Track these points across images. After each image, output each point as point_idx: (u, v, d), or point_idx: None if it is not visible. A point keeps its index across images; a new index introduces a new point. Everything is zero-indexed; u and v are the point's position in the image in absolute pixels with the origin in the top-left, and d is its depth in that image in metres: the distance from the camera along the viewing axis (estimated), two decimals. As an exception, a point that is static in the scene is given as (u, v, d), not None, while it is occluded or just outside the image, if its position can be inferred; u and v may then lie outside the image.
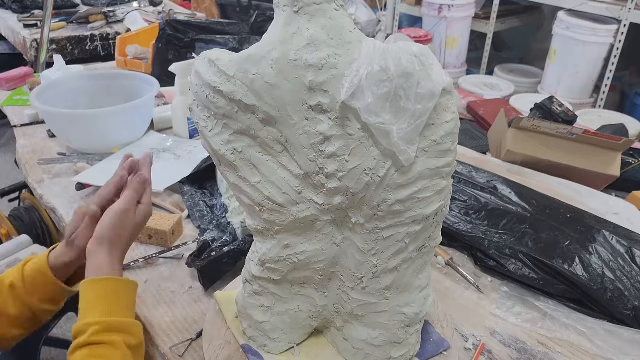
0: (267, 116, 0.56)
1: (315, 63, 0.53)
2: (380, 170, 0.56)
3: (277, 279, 0.67)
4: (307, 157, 0.56)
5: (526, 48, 3.51)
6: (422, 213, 0.59)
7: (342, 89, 0.53)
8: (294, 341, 0.73)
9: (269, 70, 0.54)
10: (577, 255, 0.88)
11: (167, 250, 0.95)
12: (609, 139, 1.19)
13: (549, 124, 1.22)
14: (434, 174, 0.58)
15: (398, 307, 0.66)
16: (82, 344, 0.61)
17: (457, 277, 0.92)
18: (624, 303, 0.81)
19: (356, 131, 0.55)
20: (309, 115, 0.55)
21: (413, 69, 0.52)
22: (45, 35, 1.86)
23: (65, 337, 1.87)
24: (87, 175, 1.14)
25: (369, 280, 0.64)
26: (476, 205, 1.03)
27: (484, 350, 0.76)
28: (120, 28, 2.34)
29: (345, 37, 0.53)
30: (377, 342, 0.68)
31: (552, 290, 0.86)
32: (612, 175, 1.21)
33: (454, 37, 3.04)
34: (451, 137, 0.58)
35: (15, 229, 1.81)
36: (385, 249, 0.61)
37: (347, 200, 0.59)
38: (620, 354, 0.76)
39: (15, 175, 2.76)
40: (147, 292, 0.86)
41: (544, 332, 0.80)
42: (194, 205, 1.05)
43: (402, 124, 0.53)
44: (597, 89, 2.64)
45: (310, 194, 0.59)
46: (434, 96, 0.54)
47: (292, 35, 0.53)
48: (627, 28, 2.41)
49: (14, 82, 1.73)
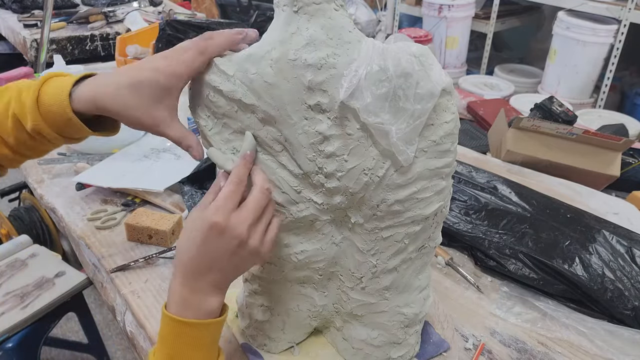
0: (266, 115, 0.56)
1: (314, 63, 0.53)
2: (379, 170, 0.56)
3: (277, 278, 0.67)
4: (306, 156, 0.56)
5: (526, 48, 3.50)
6: (421, 213, 0.59)
7: (340, 89, 0.53)
8: (293, 340, 0.73)
9: (268, 69, 0.54)
10: (577, 255, 0.88)
11: (167, 250, 0.95)
12: (609, 139, 1.19)
13: (549, 124, 1.22)
14: (433, 175, 0.58)
15: (397, 308, 0.66)
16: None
17: (457, 277, 0.92)
18: (624, 303, 0.81)
19: (355, 131, 0.55)
20: (308, 114, 0.55)
21: (412, 69, 0.52)
22: (45, 35, 1.86)
23: (65, 337, 1.87)
24: (87, 175, 1.14)
25: (369, 280, 0.64)
26: (476, 205, 1.03)
27: (484, 350, 0.76)
28: (120, 28, 2.34)
29: (345, 37, 0.53)
30: (377, 342, 0.68)
31: (552, 290, 0.86)
32: (612, 175, 1.21)
33: (454, 37, 3.04)
34: (451, 137, 0.58)
35: (15, 229, 1.81)
36: (385, 249, 0.61)
37: (346, 200, 0.59)
38: (620, 354, 0.76)
39: (15, 175, 2.75)
40: (147, 292, 0.86)
41: (544, 332, 0.80)
42: (194, 205, 1.05)
43: (400, 124, 0.53)
44: (597, 89, 2.64)
45: (310, 193, 0.59)
46: (433, 96, 0.54)
47: (291, 35, 0.53)
48: (627, 28, 2.41)
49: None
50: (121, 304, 0.87)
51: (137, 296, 0.85)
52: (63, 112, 0.56)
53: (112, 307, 0.89)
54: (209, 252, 0.53)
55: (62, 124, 0.57)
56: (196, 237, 0.53)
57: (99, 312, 1.98)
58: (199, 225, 0.53)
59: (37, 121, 0.57)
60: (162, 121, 0.56)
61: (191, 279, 0.54)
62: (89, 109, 0.56)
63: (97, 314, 1.94)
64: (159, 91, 0.54)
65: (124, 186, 1.11)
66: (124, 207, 1.08)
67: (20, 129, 0.58)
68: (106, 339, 1.83)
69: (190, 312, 0.54)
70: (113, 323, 1.96)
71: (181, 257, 0.55)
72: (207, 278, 0.55)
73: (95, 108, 0.56)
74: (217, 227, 0.52)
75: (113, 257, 0.94)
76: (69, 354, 1.84)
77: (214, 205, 0.53)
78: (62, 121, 0.57)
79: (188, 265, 0.54)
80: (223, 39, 0.55)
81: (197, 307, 0.55)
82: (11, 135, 0.59)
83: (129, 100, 0.54)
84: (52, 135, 0.58)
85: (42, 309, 1.29)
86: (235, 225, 0.53)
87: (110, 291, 0.89)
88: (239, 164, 0.56)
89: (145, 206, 1.08)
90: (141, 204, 1.09)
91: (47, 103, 0.56)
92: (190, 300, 0.54)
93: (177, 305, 0.55)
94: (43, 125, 0.57)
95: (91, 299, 1.98)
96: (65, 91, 0.56)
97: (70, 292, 1.36)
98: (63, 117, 0.56)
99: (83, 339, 1.70)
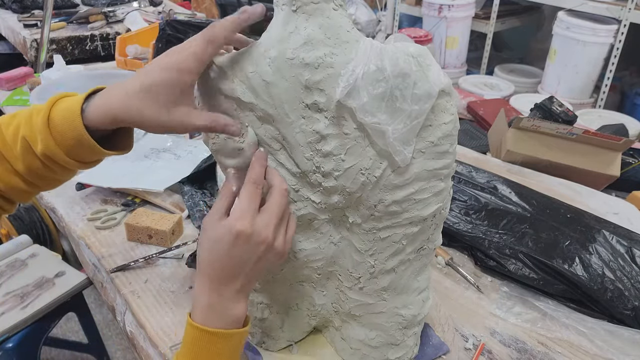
0: (264, 114, 0.56)
1: (311, 62, 0.53)
2: (376, 170, 0.56)
3: (276, 277, 0.67)
4: (304, 155, 0.56)
5: (526, 48, 3.50)
6: (419, 215, 0.59)
7: (337, 88, 0.53)
8: (292, 339, 0.73)
9: (267, 68, 0.54)
10: (577, 255, 0.88)
11: (167, 250, 0.95)
12: (609, 139, 1.19)
13: (549, 124, 1.22)
14: (431, 176, 0.58)
15: (395, 309, 0.66)
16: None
17: (457, 277, 0.92)
18: (624, 303, 0.81)
19: (352, 130, 0.55)
20: (306, 113, 0.55)
21: (410, 69, 0.52)
22: (45, 35, 1.86)
23: (65, 337, 1.87)
24: (87, 175, 1.14)
25: (367, 281, 0.64)
26: (476, 205, 1.03)
27: (484, 350, 0.76)
28: (120, 28, 2.34)
29: (342, 37, 0.53)
30: (374, 343, 0.67)
31: (552, 290, 0.86)
32: (612, 175, 1.21)
33: (454, 37, 3.04)
34: (449, 139, 0.57)
35: (15, 229, 1.81)
36: (383, 250, 0.61)
37: (343, 200, 0.59)
38: (620, 354, 0.76)
39: (15, 175, 2.76)
40: (147, 292, 0.86)
41: (544, 332, 0.80)
42: (194, 205, 1.05)
43: (397, 124, 0.53)
44: (597, 89, 2.64)
45: (307, 192, 0.59)
46: (431, 97, 0.54)
47: (289, 34, 0.53)
48: (627, 28, 2.41)
49: (14, 82, 1.73)
50: (121, 304, 0.87)
51: (137, 296, 0.85)
52: (74, 129, 0.53)
53: (112, 307, 0.89)
54: (236, 259, 0.53)
55: (73, 144, 0.54)
56: (222, 245, 0.53)
57: (99, 312, 1.98)
58: (223, 232, 0.52)
59: (48, 142, 0.53)
60: (185, 117, 0.53)
61: (219, 287, 0.54)
62: (103, 122, 0.53)
63: (97, 314, 1.94)
64: (172, 90, 0.52)
65: (124, 186, 1.11)
66: (124, 207, 1.08)
67: (30, 153, 0.55)
68: (106, 339, 1.83)
69: (216, 320, 0.54)
70: (113, 323, 1.96)
71: (206, 266, 0.54)
72: (234, 285, 0.54)
73: (110, 120, 0.53)
74: (243, 234, 0.52)
75: (113, 257, 0.94)
76: (69, 354, 1.84)
77: (237, 210, 0.53)
78: (73, 140, 0.53)
79: (214, 274, 0.54)
80: (229, 23, 0.53)
81: (223, 314, 0.54)
82: (20, 159, 0.55)
83: (143, 107, 0.52)
84: (63, 159, 0.55)
85: (42, 309, 1.30)
86: (261, 230, 0.53)
87: (110, 291, 0.89)
88: (253, 164, 0.55)
89: (145, 206, 1.08)
90: (141, 204, 1.09)
91: (58, 122, 0.53)
92: (217, 309, 0.54)
93: (203, 313, 0.54)
94: (54, 146, 0.53)
95: (91, 299, 1.98)
96: (76, 107, 0.53)
97: (70, 292, 1.36)
98: (74, 133, 0.53)
99: (83, 339, 1.70)
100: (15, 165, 0.56)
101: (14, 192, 0.58)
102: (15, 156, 0.56)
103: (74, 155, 0.55)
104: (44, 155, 0.55)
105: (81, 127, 0.53)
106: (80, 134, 0.53)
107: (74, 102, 0.54)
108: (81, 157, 0.56)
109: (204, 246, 0.54)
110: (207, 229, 0.54)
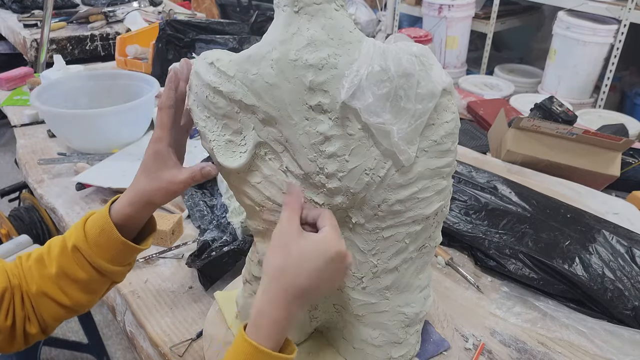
0: (267, 116, 0.56)
1: (315, 63, 0.53)
2: (381, 170, 0.56)
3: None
4: (307, 157, 0.56)
5: (526, 48, 3.50)
6: (422, 213, 0.59)
7: (342, 89, 0.53)
8: (294, 341, 0.73)
9: (269, 70, 0.54)
10: (577, 255, 0.88)
11: (167, 250, 0.95)
12: (609, 139, 1.19)
13: (549, 124, 1.22)
14: (434, 174, 0.58)
15: (398, 307, 0.66)
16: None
17: (457, 277, 0.92)
18: (624, 303, 0.81)
19: (356, 131, 0.55)
20: (309, 115, 0.55)
21: (413, 69, 0.52)
22: (45, 35, 1.86)
23: (65, 337, 1.87)
24: (87, 175, 1.14)
25: (369, 280, 0.64)
26: (476, 205, 1.03)
27: (484, 350, 0.76)
28: (120, 28, 2.34)
29: (345, 37, 0.53)
30: (377, 342, 0.68)
31: (552, 290, 0.86)
32: (612, 175, 1.21)
33: (454, 37, 3.04)
34: (451, 137, 0.58)
35: (15, 229, 1.81)
36: (386, 249, 0.61)
37: (347, 200, 0.59)
38: (620, 354, 0.76)
39: (15, 175, 2.76)
40: (147, 292, 0.86)
41: (544, 332, 0.80)
42: (194, 205, 1.05)
43: (402, 124, 0.53)
44: (597, 89, 2.64)
45: (311, 193, 0.59)
46: (434, 96, 0.54)
47: (292, 35, 0.53)
48: (627, 28, 2.41)
49: (14, 82, 1.73)
50: (121, 304, 0.87)
51: (137, 296, 0.85)
52: (104, 224, 0.63)
53: (112, 307, 0.89)
54: (326, 275, 0.54)
55: (106, 245, 0.63)
56: (315, 263, 0.53)
57: (99, 312, 1.98)
58: (319, 249, 0.53)
59: (83, 245, 0.63)
60: (172, 177, 0.63)
61: (293, 302, 0.53)
62: (128, 211, 0.64)
63: (97, 314, 1.95)
64: (154, 158, 0.63)
65: (124, 186, 1.10)
66: (124, 207, 1.08)
67: (83, 263, 0.64)
68: (106, 339, 1.83)
69: (273, 337, 0.53)
70: (113, 323, 1.96)
71: (287, 280, 0.53)
72: (307, 301, 0.55)
73: (129, 205, 0.64)
74: (341, 254, 0.55)
75: (113, 257, 0.93)
76: (69, 354, 1.83)
77: (331, 232, 0.55)
78: (105, 239, 0.63)
79: (296, 291, 0.53)
80: (164, 94, 0.62)
81: (282, 332, 0.53)
82: (78, 269, 0.64)
83: (145, 183, 0.63)
84: (106, 266, 0.64)
85: (42, 309, 1.29)
86: (347, 251, 0.56)
87: (110, 291, 0.89)
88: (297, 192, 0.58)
89: (145, 206, 1.08)
90: (141, 204, 1.09)
91: (91, 232, 0.63)
92: (281, 325, 0.53)
93: (265, 329, 0.52)
94: (91, 252, 0.63)
95: (91, 298, 1.98)
96: (105, 210, 0.64)
97: (70, 292, 1.36)
98: (105, 229, 0.63)
99: (83, 339, 1.70)
100: (76, 276, 0.65)
101: (80, 306, 0.67)
102: (72, 267, 0.65)
103: (110, 258, 0.64)
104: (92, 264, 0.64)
105: (109, 220, 0.63)
106: (110, 227, 0.63)
107: (104, 209, 0.65)
108: (118, 258, 0.65)
109: (290, 261, 0.53)
110: (289, 242, 0.54)
